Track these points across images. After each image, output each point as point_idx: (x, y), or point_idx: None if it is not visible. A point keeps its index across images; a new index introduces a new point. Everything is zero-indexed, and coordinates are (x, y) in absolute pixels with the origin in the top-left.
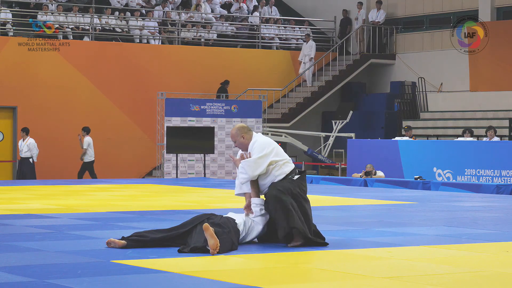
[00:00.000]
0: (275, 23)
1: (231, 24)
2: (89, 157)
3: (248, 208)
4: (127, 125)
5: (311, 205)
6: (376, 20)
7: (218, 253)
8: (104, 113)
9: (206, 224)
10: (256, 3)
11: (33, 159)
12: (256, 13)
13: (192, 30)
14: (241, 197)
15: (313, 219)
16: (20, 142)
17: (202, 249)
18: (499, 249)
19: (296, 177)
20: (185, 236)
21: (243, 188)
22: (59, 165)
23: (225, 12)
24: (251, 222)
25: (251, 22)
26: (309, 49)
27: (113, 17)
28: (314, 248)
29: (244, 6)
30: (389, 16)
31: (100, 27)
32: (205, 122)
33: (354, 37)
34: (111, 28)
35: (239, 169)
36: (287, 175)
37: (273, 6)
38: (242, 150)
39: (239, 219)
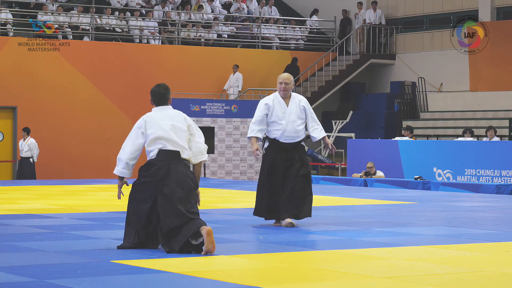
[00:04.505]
0: (275, 23)
1: (231, 24)
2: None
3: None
4: (127, 125)
5: None
6: (371, 22)
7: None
8: (104, 113)
9: (210, 229)
10: (262, 5)
11: (33, 159)
12: (315, 17)
13: (192, 30)
14: (242, 199)
15: (314, 220)
16: (20, 142)
17: (190, 246)
18: (499, 249)
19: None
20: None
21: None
22: (59, 165)
23: (225, 12)
24: None
25: (315, 26)
26: (235, 80)
27: (113, 17)
28: (314, 248)
29: (244, 6)
30: (389, 16)
31: (101, 26)
32: (205, 122)
33: (354, 37)
34: (111, 28)
35: None
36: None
37: (273, 6)
38: (285, 91)
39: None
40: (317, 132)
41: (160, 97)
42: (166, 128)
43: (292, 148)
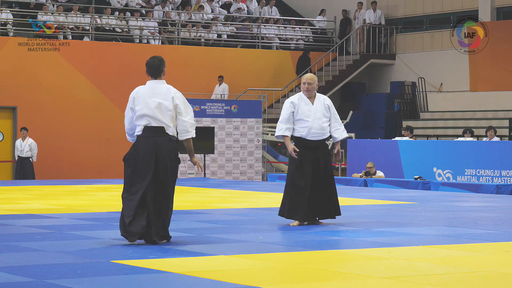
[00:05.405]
0: (275, 23)
1: (231, 24)
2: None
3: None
4: None
5: None
6: (371, 22)
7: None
8: (104, 113)
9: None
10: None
11: (32, 159)
12: (320, 17)
13: (192, 30)
14: (242, 199)
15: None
16: (19, 142)
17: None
18: (499, 249)
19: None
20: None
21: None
22: (59, 165)
23: (224, 12)
24: None
25: (319, 26)
26: (222, 91)
27: (113, 17)
28: (314, 248)
29: (244, 6)
30: (389, 16)
31: (101, 26)
32: (205, 122)
33: (354, 37)
34: (111, 28)
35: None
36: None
37: (273, 6)
38: (308, 91)
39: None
40: (339, 132)
41: (154, 68)
42: (152, 106)
43: (318, 146)
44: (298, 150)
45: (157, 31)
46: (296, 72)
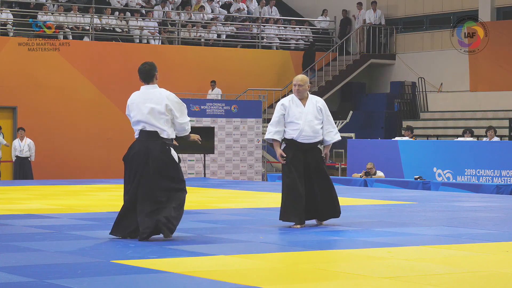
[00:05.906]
0: (275, 23)
1: (231, 24)
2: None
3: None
4: (127, 125)
5: None
6: (371, 22)
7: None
8: (104, 113)
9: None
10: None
11: (31, 158)
12: (321, 17)
13: (192, 30)
14: (242, 199)
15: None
16: (17, 142)
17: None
18: (499, 249)
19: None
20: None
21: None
22: (59, 165)
23: (225, 12)
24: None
25: (320, 26)
26: (215, 96)
27: (113, 17)
28: (314, 248)
29: (244, 6)
30: (389, 16)
31: (100, 27)
32: (205, 122)
33: (354, 37)
34: (111, 28)
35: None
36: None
37: (273, 6)
38: (299, 92)
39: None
40: (331, 135)
41: (145, 73)
42: (145, 111)
43: (309, 149)
44: (285, 156)
45: (157, 31)
46: (303, 66)
